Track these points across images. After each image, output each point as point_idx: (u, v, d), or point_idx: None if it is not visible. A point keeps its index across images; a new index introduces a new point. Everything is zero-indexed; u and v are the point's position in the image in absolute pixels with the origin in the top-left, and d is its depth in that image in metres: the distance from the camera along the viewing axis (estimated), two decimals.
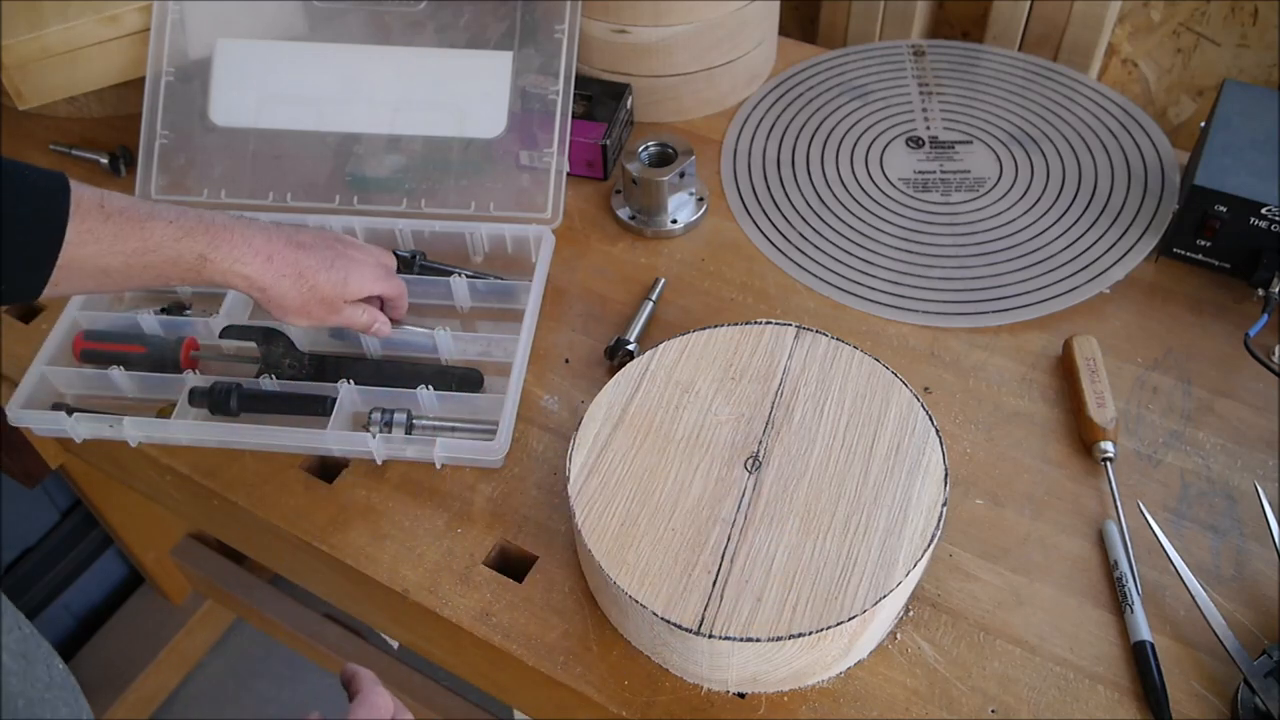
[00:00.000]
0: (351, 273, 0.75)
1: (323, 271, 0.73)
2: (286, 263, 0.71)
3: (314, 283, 0.72)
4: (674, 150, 0.91)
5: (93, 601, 1.46)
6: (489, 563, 0.71)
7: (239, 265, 0.69)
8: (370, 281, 0.76)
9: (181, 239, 0.67)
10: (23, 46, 0.91)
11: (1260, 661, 0.61)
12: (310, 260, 0.72)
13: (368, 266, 0.77)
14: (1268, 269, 0.80)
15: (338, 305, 0.75)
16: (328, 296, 0.73)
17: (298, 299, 0.72)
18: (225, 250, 0.69)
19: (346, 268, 0.75)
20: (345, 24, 0.96)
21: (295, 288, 0.72)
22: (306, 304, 0.73)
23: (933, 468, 0.66)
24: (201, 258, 0.68)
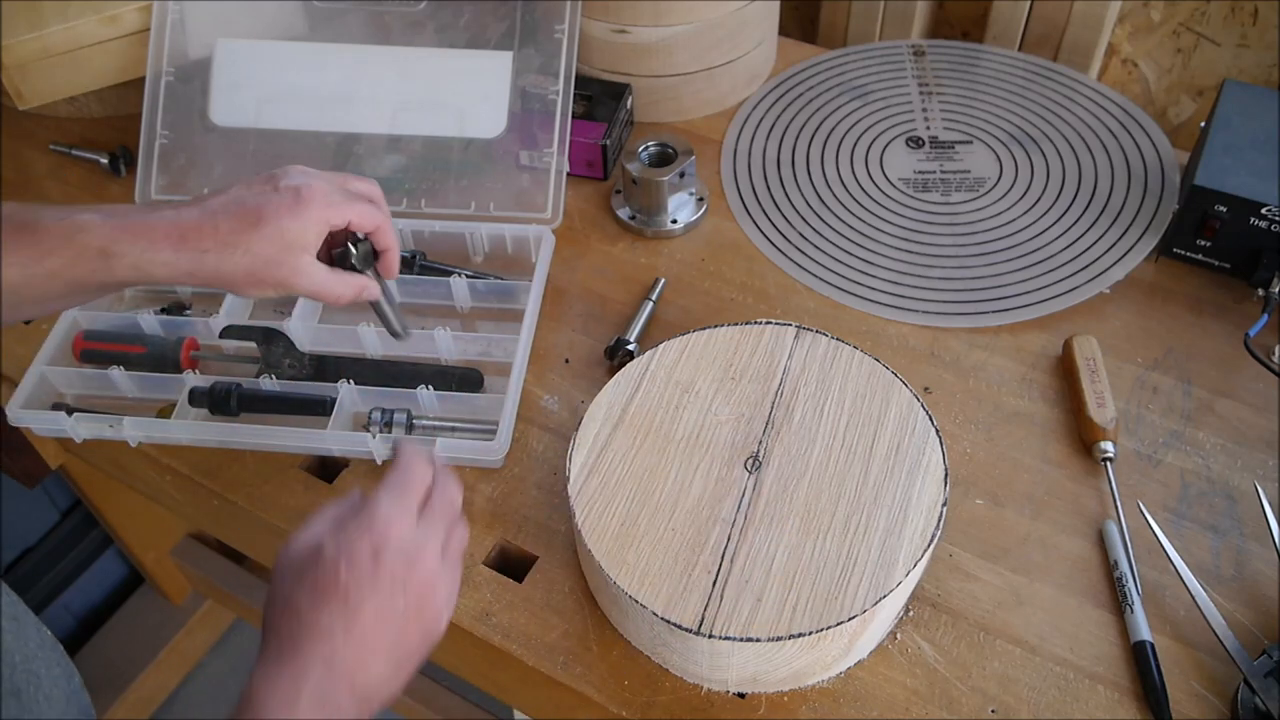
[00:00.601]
0: (296, 212, 0.61)
1: (252, 228, 0.60)
2: (205, 234, 0.60)
3: (247, 244, 0.60)
4: (674, 150, 0.91)
5: (93, 601, 1.46)
6: (489, 563, 0.71)
7: (149, 253, 0.59)
8: (324, 211, 0.62)
9: (75, 235, 0.58)
10: (23, 46, 0.91)
11: (1260, 661, 0.61)
12: (231, 220, 0.60)
13: (318, 194, 0.62)
14: (1268, 269, 0.80)
15: (293, 263, 0.61)
16: (270, 255, 0.60)
17: (237, 268, 0.60)
18: (127, 242, 0.59)
19: (286, 208, 0.61)
20: (345, 24, 0.96)
21: (226, 258, 0.60)
22: (252, 270, 0.60)
23: (933, 468, 0.66)
24: (103, 255, 0.58)
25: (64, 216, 0.58)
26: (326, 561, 0.49)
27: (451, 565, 0.54)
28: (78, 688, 0.53)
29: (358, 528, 0.50)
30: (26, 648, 0.50)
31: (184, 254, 0.59)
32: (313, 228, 0.61)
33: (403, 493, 0.53)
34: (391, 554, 0.50)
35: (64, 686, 0.51)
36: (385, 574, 0.50)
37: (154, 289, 0.90)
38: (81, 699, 0.53)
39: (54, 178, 1.02)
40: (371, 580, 0.49)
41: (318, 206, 0.61)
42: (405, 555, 0.51)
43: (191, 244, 0.60)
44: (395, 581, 0.50)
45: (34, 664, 0.50)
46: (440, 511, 0.54)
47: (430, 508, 0.54)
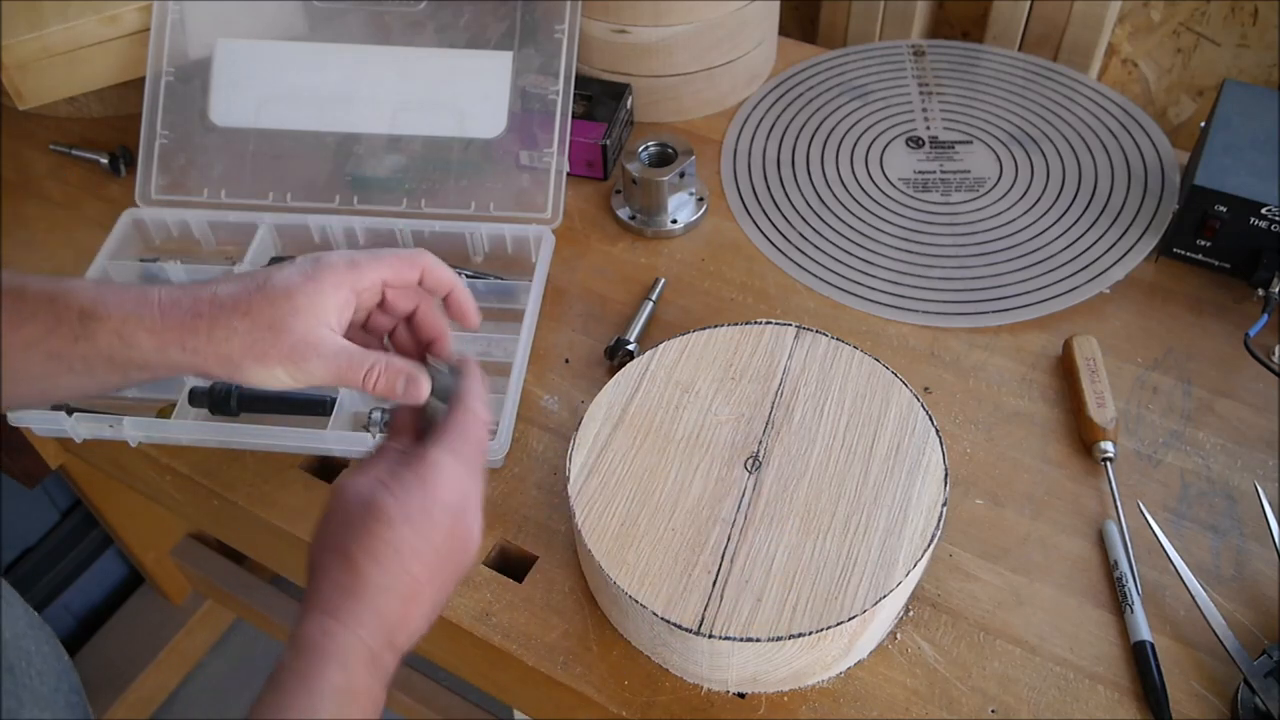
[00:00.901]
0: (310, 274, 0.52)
1: (256, 291, 0.51)
2: (201, 300, 0.51)
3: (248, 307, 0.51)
4: (674, 150, 0.91)
5: (93, 601, 1.46)
6: (489, 563, 0.71)
7: (134, 318, 0.51)
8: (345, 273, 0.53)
9: (57, 298, 0.51)
10: (23, 46, 0.91)
11: (1260, 661, 0.61)
12: (233, 286, 0.52)
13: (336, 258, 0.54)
14: (1268, 269, 0.80)
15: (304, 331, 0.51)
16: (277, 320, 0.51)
17: (235, 335, 0.51)
18: (112, 305, 0.51)
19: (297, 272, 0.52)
20: (345, 24, 0.96)
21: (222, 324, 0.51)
22: (255, 340, 0.51)
23: (933, 468, 0.66)
24: (84, 315, 0.51)
25: (50, 282, 0.52)
26: (384, 517, 0.49)
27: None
28: (68, 666, 0.53)
29: (418, 485, 0.50)
30: (16, 625, 0.51)
31: (172, 319, 0.51)
32: (329, 292, 0.52)
33: (465, 451, 0.52)
34: (447, 513, 0.51)
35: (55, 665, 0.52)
36: (440, 533, 0.50)
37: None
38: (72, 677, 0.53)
39: (54, 178, 1.02)
40: (427, 540, 0.50)
41: (337, 269, 0.53)
42: (458, 516, 0.51)
43: (184, 309, 0.51)
44: (448, 541, 0.51)
45: (24, 641, 0.50)
46: (483, 459, 0.54)
47: (479, 458, 0.53)
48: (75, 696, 0.53)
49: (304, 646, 0.48)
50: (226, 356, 0.51)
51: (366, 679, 0.48)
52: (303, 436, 0.75)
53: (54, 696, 0.50)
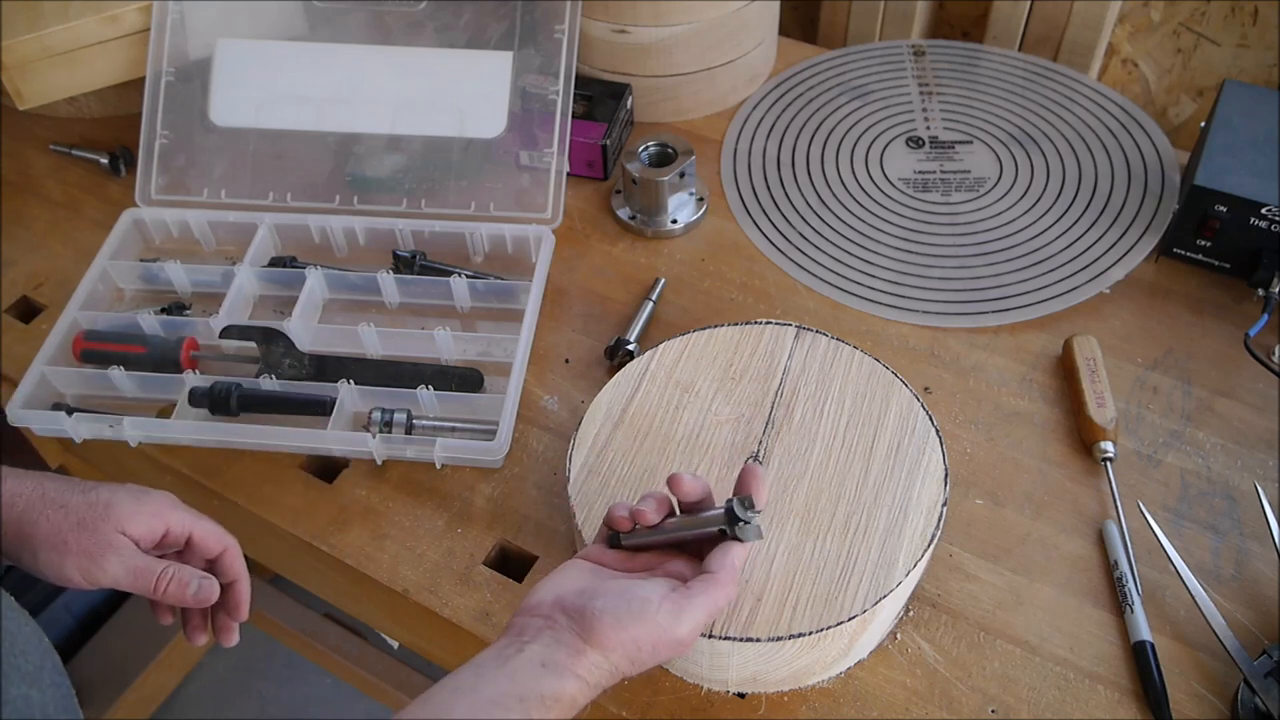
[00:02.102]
0: (134, 493, 0.59)
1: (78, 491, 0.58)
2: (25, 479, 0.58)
3: (64, 500, 0.57)
4: (674, 150, 0.91)
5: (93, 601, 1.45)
6: (489, 563, 0.71)
7: None
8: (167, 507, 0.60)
9: None
10: (23, 46, 0.91)
11: (1260, 661, 0.61)
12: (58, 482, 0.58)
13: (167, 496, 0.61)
14: (1268, 269, 0.80)
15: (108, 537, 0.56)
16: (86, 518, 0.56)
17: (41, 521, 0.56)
18: None
19: (124, 489, 0.59)
20: (345, 24, 0.96)
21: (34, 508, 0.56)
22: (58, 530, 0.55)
23: (933, 468, 0.66)
24: None
25: None
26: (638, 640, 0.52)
27: None
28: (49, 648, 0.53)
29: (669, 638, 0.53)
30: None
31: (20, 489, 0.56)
32: (146, 514, 0.58)
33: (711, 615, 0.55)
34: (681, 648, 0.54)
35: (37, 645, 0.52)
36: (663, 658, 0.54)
37: (154, 288, 0.90)
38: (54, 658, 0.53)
39: (54, 178, 1.02)
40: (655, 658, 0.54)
41: (162, 502, 0.60)
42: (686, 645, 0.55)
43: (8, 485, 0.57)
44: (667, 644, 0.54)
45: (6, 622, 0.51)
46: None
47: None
48: (59, 677, 0.53)
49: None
50: (28, 538, 0.55)
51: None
52: (303, 436, 0.75)
53: (39, 674, 0.50)
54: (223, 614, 0.63)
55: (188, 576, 0.58)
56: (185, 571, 0.58)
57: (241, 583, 0.63)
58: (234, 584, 0.62)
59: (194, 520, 0.60)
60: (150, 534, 0.58)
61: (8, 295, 0.91)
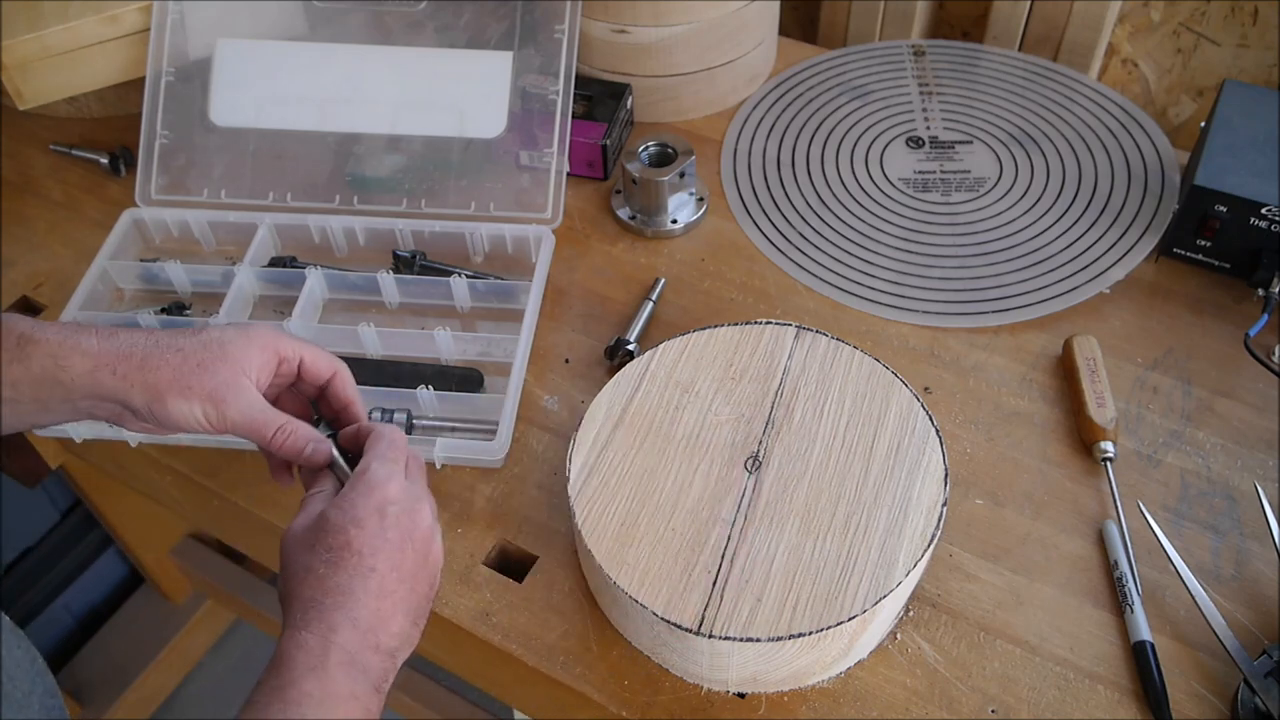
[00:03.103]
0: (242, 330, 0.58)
1: (189, 335, 0.57)
2: (137, 333, 0.56)
3: (179, 344, 0.56)
4: (674, 150, 0.91)
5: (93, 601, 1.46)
6: (489, 563, 0.71)
7: (70, 341, 0.55)
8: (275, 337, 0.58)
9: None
10: (23, 46, 0.91)
11: (1260, 661, 0.61)
12: (169, 331, 0.57)
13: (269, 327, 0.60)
14: (1268, 269, 0.80)
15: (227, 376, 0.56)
16: (204, 360, 0.55)
17: (163, 366, 0.55)
18: (51, 330, 0.55)
19: (231, 327, 0.58)
20: (345, 24, 0.96)
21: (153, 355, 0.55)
22: (180, 372, 0.55)
23: (933, 468, 0.66)
24: (22, 339, 0.54)
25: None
26: (334, 526, 0.52)
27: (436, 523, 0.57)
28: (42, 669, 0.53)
29: (356, 493, 0.53)
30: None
31: (108, 345, 0.55)
32: (257, 348, 0.57)
33: (391, 456, 0.55)
34: (394, 510, 0.53)
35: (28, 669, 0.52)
36: (392, 529, 0.52)
37: (154, 288, 0.90)
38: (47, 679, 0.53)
39: (54, 178, 1.02)
40: (381, 536, 0.52)
41: (268, 331, 0.59)
42: (406, 510, 0.54)
43: (120, 338, 0.55)
44: (402, 534, 0.53)
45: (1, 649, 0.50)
46: (421, 471, 0.58)
47: (411, 470, 0.57)
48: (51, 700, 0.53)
49: (279, 662, 0.49)
50: (153, 385, 0.54)
51: (348, 683, 0.48)
52: None
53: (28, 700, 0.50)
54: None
55: (306, 437, 0.57)
56: (304, 431, 0.57)
57: (355, 406, 0.61)
58: (347, 408, 0.61)
59: (302, 346, 0.60)
60: (265, 368, 0.58)
61: (8, 295, 0.91)
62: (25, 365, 0.54)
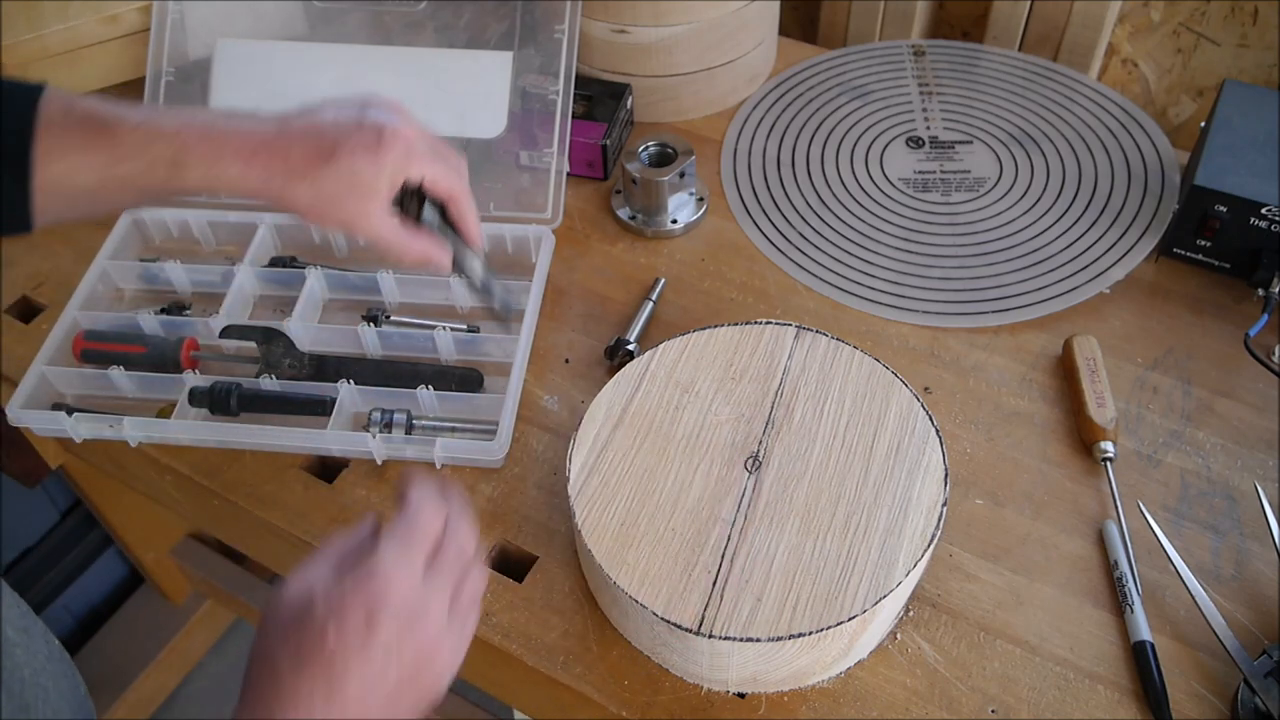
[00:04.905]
0: (372, 154, 0.59)
1: (323, 162, 0.58)
2: (275, 157, 0.58)
3: (315, 177, 0.58)
4: (674, 150, 0.91)
5: (93, 601, 1.46)
6: (489, 563, 0.71)
7: (217, 168, 0.57)
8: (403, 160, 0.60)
9: (150, 144, 0.57)
10: (23, 46, 0.91)
11: (1260, 661, 0.61)
12: (304, 147, 0.59)
13: (400, 140, 0.60)
14: (1268, 269, 0.80)
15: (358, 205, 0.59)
16: (336, 193, 0.59)
17: (302, 197, 0.59)
18: (199, 154, 0.57)
19: (362, 147, 0.59)
20: (345, 24, 0.96)
21: (291, 186, 0.58)
22: (316, 203, 0.59)
23: (933, 468, 0.66)
24: (174, 164, 0.57)
25: (142, 121, 0.57)
26: (315, 623, 0.44)
27: (461, 619, 0.48)
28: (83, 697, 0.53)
29: (355, 584, 0.45)
30: (36, 660, 0.50)
31: (252, 172, 0.58)
32: (385, 174, 0.59)
33: (408, 545, 0.47)
34: (388, 618, 0.44)
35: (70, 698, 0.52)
36: (379, 641, 0.44)
37: (154, 288, 0.90)
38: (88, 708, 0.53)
39: None
40: (362, 649, 0.44)
41: (397, 154, 0.60)
42: (405, 618, 0.45)
43: (260, 164, 0.58)
44: (389, 650, 0.44)
45: (42, 677, 0.50)
46: (451, 562, 0.48)
47: (440, 558, 0.48)
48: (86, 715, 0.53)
49: None
50: (294, 207, 0.59)
51: None
52: (303, 436, 0.75)
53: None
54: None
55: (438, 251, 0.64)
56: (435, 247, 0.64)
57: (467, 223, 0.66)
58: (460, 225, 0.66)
59: (427, 165, 0.62)
60: (393, 185, 0.60)
61: (8, 295, 0.91)
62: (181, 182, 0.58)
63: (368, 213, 0.60)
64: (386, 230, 0.61)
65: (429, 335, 0.81)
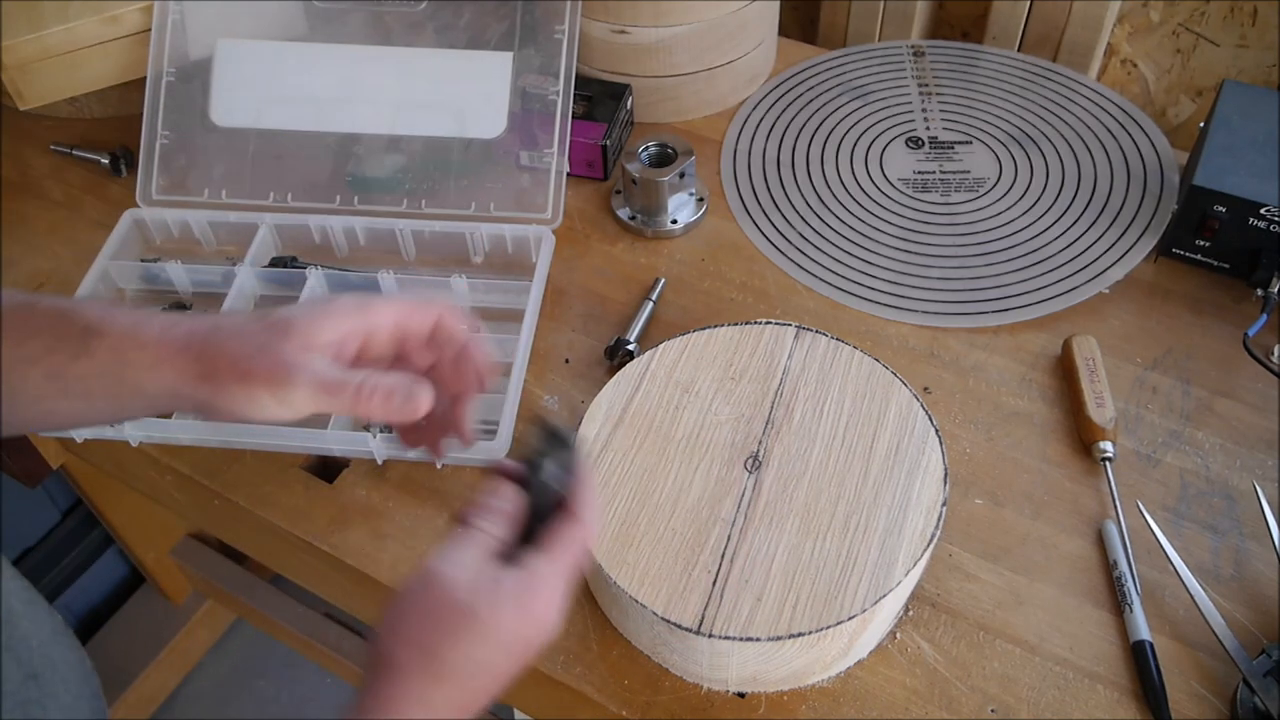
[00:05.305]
0: (314, 306, 0.51)
1: (257, 318, 0.50)
2: (202, 320, 0.51)
3: (244, 328, 0.50)
4: (674, 150, 0.91)
5: (93, 601, 1.46)
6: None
7: (134, 332, 0.49)
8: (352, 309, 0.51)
9: (65, 315, 0.50)
10: (23, 47, 0.91)
11: (1259, 661, 0.61)
12: (238, 315, 0.53)
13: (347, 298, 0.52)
14: (1267, 269, 0.81)
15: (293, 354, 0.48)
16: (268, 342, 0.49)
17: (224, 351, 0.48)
18: (117, 321, 0.50)
19: (303, 305, 0.51)
20: (345, 24, 0.96)
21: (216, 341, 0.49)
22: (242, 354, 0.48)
23: (932, 468, 0.66)
24: (86, 331, 0.49)
25: (59, 300, 0.51)
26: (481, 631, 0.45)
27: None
28: (89, 671, 0.53)
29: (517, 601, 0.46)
30: (42, 632, 0.51)
31: (170, 336, 0.49)
32: (332, 320, 0.50)
33: (568, 570, 0.48)
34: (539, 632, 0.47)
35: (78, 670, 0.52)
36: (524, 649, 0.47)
37: (155, 288, 0.90)
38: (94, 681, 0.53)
39: (54, 178, 1.02)
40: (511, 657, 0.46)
41: (344, 306, 0.51)
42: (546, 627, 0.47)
43: (183, 329, 0.50)
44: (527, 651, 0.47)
45: (50, 649, 0.50)
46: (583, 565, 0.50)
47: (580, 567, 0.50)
48: (96, 702, 0.53)
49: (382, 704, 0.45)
50: (213, 376, 0.49)
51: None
52: (303, 436, 0.75)
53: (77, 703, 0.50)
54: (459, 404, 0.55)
55: (392, 383, 0.48)
56: (386, 379, 0.48)
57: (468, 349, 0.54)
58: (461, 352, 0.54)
59: (387, 308, 0.51)
60: (348, 341, 0.50)
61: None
62: (90, 360, 0.49)
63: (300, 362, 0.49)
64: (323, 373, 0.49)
65: None
